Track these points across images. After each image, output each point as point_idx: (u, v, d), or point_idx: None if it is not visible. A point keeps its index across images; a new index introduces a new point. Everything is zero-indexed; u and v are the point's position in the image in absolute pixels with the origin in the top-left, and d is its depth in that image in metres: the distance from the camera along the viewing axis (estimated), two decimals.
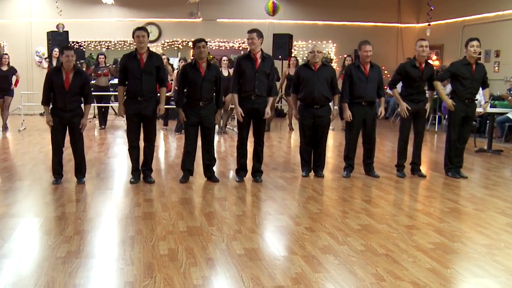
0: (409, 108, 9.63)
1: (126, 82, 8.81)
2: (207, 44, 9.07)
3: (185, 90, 8.95)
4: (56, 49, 16.23)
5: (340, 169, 10.11)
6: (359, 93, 9.47)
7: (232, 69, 15.25)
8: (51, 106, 8.66)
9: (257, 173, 9.36)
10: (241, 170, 9.37)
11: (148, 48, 8.85)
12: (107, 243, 6.07)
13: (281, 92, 18.23)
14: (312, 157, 9.80)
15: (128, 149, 9.07)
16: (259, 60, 8.94)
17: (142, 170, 9.10)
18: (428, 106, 9.85)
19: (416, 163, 9.97)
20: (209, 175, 9.28)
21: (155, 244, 6.00)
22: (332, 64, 17.35)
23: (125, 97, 8.89)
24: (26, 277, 5.00)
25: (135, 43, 8.77)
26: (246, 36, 9.01)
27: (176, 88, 8.93)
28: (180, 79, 9.05)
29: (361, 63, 9.53)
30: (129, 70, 8.68)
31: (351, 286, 4.94)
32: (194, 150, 9.13)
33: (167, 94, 12.19)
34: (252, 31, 8.96)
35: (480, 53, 9.59)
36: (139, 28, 8.81)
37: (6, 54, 15.77)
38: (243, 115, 8.96)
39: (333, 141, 14.08)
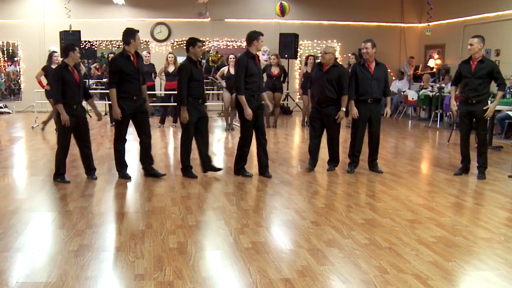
0: (456, 109, 9.55)
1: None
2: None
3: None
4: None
5: (344, 164, 10.08)
6: (364, 90, 9.47)
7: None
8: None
9: (266, 167, 9.36)
10: (242, 161, 9.43)
11: None
12: (118, 237, 6.08)
13: (287, 89, 18.24)
14: (318, 151, 9.90)
15: (120, 145, 8.92)
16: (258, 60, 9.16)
17: (147, 163, 9.09)
18: (489, 106, 9.27)
19: (480, 166, 9.53)
20: (212, 164, 9.38)
21: (165, 237, 6.01)
22: None
23: (121, 98, 8.64)
24: (39, 270, 5.02)
25: (131, 43, 8.58)
26: None
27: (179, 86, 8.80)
28: (184, 77, 8.93)
29: (366, 61, 9.52)
30: (126, 72, 8.53)
31: (356, 279, 4.93)
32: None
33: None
34: (263, 34, 9.06)
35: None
36: (137, 31, 8.72)
37: (55, 52, 14.94)
38: (253, 116, 8.99)
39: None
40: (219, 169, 9.36)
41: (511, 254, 5.67)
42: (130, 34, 8.59)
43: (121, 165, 8.97)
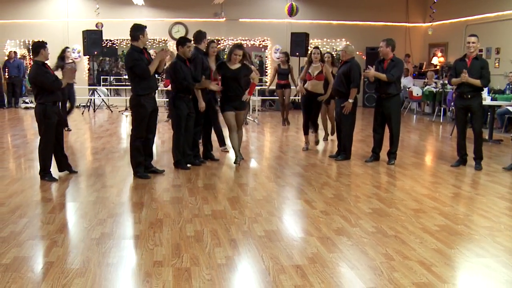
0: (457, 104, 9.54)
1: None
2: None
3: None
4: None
5: (353, 157, 10.10)
6: (376, 85, 9.73)
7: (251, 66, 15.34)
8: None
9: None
10: (196, 147, 9.64)
11: None
12: (138, 225, 6.08)
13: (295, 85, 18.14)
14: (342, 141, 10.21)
15: (138, 145, 8.39)
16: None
17: (147, 160, 8.71)
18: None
19: (477, 158, 9.47)
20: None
21: (182, 226, 6.01)
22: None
23: (142, 95, 8.22)
24: (63, 257, 5.03)
25: (140, 39, 8.13)
26: (266, 34, 9.12)
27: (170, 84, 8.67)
28: (175, 75, 8.82)
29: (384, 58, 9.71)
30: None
31: (363, 265, 4.92)
32: None
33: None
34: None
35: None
36: (145, 27, 8.27)
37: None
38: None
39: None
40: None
41: (510, 242, 5.64)
42: (139, 30, 8.14)
43: (138, 164, 8.50)
